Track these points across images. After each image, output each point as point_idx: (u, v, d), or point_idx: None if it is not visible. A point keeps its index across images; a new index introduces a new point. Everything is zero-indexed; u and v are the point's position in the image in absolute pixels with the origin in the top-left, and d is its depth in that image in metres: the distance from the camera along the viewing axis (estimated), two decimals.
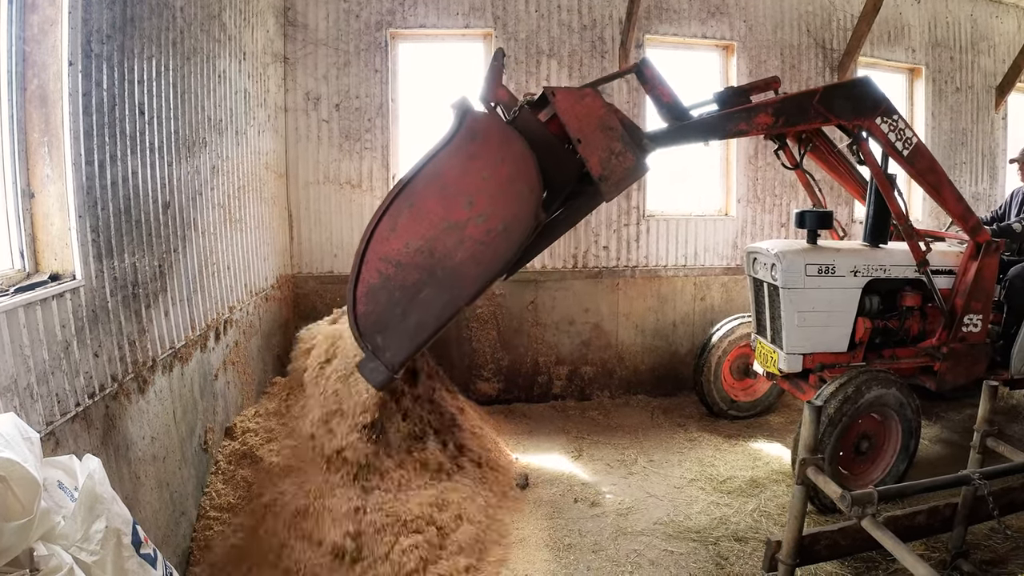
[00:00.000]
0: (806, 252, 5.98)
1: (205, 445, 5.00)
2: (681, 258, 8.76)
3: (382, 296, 4.02)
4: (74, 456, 2.94)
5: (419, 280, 4.02)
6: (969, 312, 6.05)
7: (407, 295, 4.02)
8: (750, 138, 8.75)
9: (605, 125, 4.66)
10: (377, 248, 4.04)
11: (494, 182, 4.10)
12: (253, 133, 6.37)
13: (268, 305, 6.81)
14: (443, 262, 4.03)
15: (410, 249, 4.02)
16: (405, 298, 4.02)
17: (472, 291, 4.08)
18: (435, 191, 4.09)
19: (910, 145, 5.67)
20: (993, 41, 10.02)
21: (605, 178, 4.58)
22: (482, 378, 8.30)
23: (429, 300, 4.00)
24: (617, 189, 4.69)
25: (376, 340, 3.99)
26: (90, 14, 3.54)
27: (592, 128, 4.60)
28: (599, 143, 4.60)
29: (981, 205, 9.83)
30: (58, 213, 3.42)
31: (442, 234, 4.04)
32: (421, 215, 4.05)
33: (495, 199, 4.08)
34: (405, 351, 4.03)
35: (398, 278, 4.02)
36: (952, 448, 6.81)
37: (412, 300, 4.01)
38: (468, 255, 4.03)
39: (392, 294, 4.02)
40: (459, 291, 4.04)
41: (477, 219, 4.02)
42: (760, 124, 5.41)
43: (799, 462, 3.73)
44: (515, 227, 4.06)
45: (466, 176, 4.11)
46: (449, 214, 4.05)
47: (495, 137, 4.18)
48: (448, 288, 4.02)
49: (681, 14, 8.51)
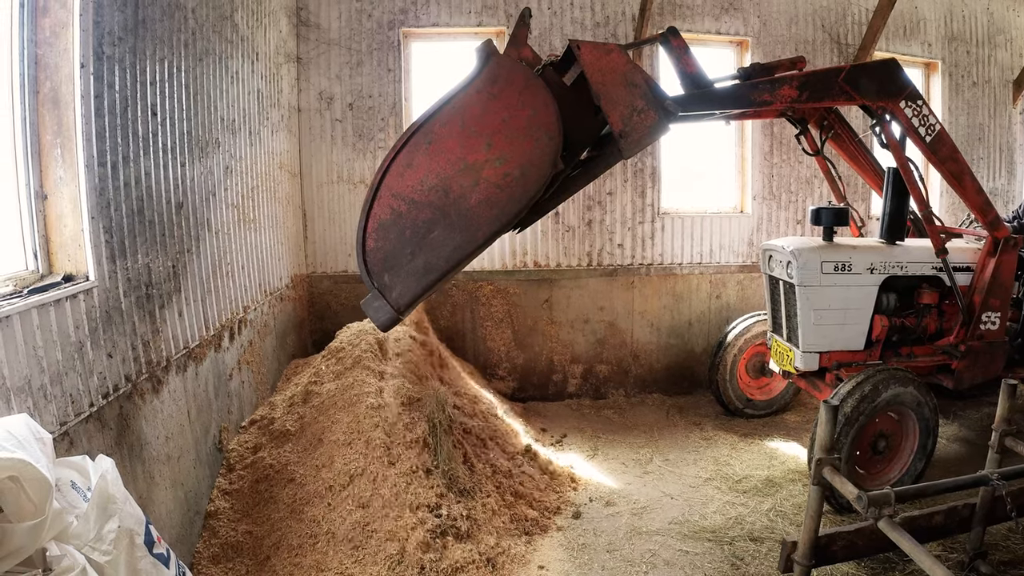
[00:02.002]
0: (822, 249, 5.94)
1: (220, 445, 5.02)
2: (696, 256, 8.73)
3: (392, 233, 3.94)
4: (87, 456, 2.95)
5: (431, 219, 3.94)
6: (987, 309, 5.98)
7: (418, 234, 3.94)
8: (766, 133, 8.71)
9: (629, 81, 4.60)
10: (391, 183, 3.96)
11: (514, 125, 4.04)
12: (267, 133, 6.39)
13: (283, 305, 6.83)
14: (457, 203, 3.95)
15: (424, 187, 3.95)
16: (416, 237, 3.94)
17: (484, 235, 3.99)
18: (455, 130, 4.02)
19: (933, 132, 5.61)
20: (1010, 35, 9.90)
21: (626, 134, 4.52)
22: (497, 377, 8.29)
23: (440, 241, 3.92)
24: (637, 146, 4.63)
25: (384, 279, 3.91)
26: (102, 16, 3.55)
27: (615, 83, 4.54)
28: (622, 98, 4.54)
29: (999, 201, 9.72)
30: (71, 215, 3.44)
31: (458, 174, 3.98)
32: (439, 153, 3.98)
33: (514, 143, 4.02)
34: (412, 292, 3.94)
35: (410, 216, 3.94)
36: (970, 447, 6.74)
37: (423, 240, 3.93)
38: (483, 197, 3.96)
39: (403, 232, 3.94)
40: (471, 234, 3.96)
41: (495, 161, 3.96)
42: (784, 96, 5.33)
43: (815, 462, 3.70)
44: (532, 173, 4.01)
45: (486, 117, 4.04)
46: (467, 154, 3.98)
47: (518, 80, 4.12)
48: (460, 230, 3.95)
49: (695, 10, 8.47)
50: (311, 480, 5.00)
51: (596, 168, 4.88)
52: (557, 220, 8.29)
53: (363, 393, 5.50)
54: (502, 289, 8.25)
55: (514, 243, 8.24)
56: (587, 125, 4.63)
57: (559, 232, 8.34)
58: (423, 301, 4.39)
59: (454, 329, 8.20)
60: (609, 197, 8.42)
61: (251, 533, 4.71)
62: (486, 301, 8.22)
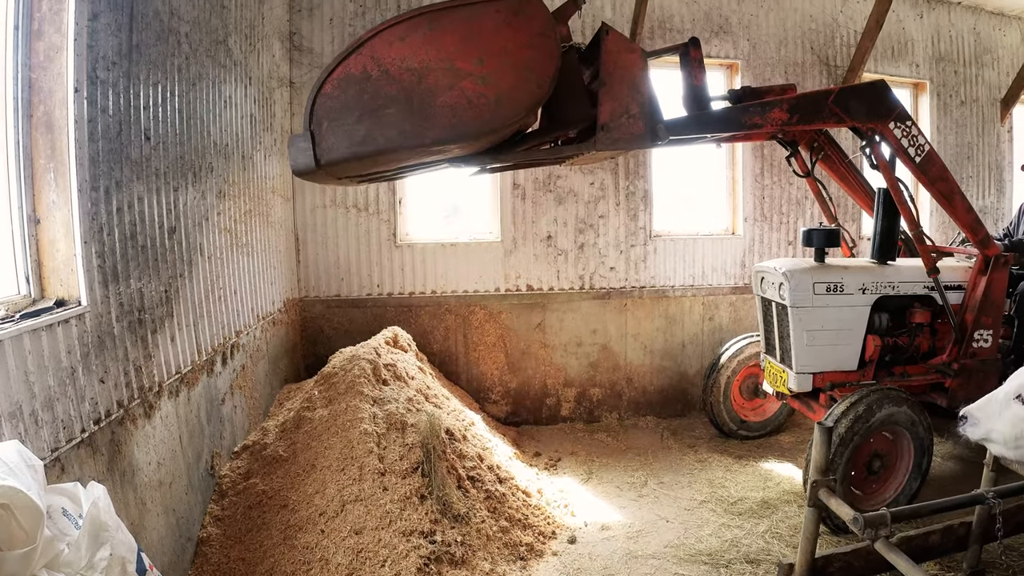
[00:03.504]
0: (814, 270, 5.96)
1: (212, 470, 4.99)
2: (689, 278, 8.75)
3: (352, 90, 3.84)
4: (79, 483, 2.92)
5: (393, 96, 3.84)
6: (979, 327, 6.01)
7: (374, 103, 3.83)
8: (757, 155, 8.77)
9: (635, 85, 4.62)
10: (377, 45, 3.87)
11: (513, 57, 4.00)
12: (259, 157, 6.40)
13: (275, 329, 6.80)
14: (425, 95, 3.87)
15: (404, 65, 3.86)
16: (371, 105, 3.83)
17: (431, 138, 3.89)
18: (459, 31, 3.96)
19: (922, 152, 5.66)
20: (997, 54, 10.05)
21: (608, 129, 4.53)
22: (490, 401, 8.27)
23: (390, 120, 3.82)
24: (613, 146, 4.63)
25: (322, 126, 3.80)
26: (96, 41, 3.56)
27: (622, 80, 4.57)
28: (621, 96, 4.56)
29: (988, 219, 9.82)
30: (64, 239, 3.43)
31: (440, 71, 3.91)
32: (433, 42, 3.91)
33: (504, 71, 3.98)
34: (339, 153, 3.81)
35: (377, 83, 3.84)
36: (966, 465, 6.74)
37: (376, 111, 3.83)
38: (450, 102, 3.88)
39: (362, 94, 3.84)
40: (421, 130, 3.86)
41: (478, 78, 3.90)
42: (775, 119, 5.37)
43: (810, 484, 3.71)
44: (504, 108, 3.94)
45: (493, 36, 3.99)
46: (458, 58, 3.92)
47: (538, 24, 4.10)
48: (414, 120, 3.85)
49: (684, 33, 8.52)
50: (304, 506, 4.97)
51: (566, 150, 4.86)
52: (549, 243, 8.32)
53: (356, 419, 5.47)
54: (494, 313, 8.24)
55: (506, 266, 8.26)
56: (581, 109, 4.60)
57: (551, 255, 8.35)
58: (343, 174, 4.19)
59: (447, 354, 8.18)
60: (601, 220, 8.45)
61: (244, 560, 4.67)
62: (478, 325, 8.21)
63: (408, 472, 5.17)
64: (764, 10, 8.85)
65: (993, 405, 3.41)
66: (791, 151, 6.49)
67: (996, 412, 3.38)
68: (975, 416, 3.48)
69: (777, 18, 8.90)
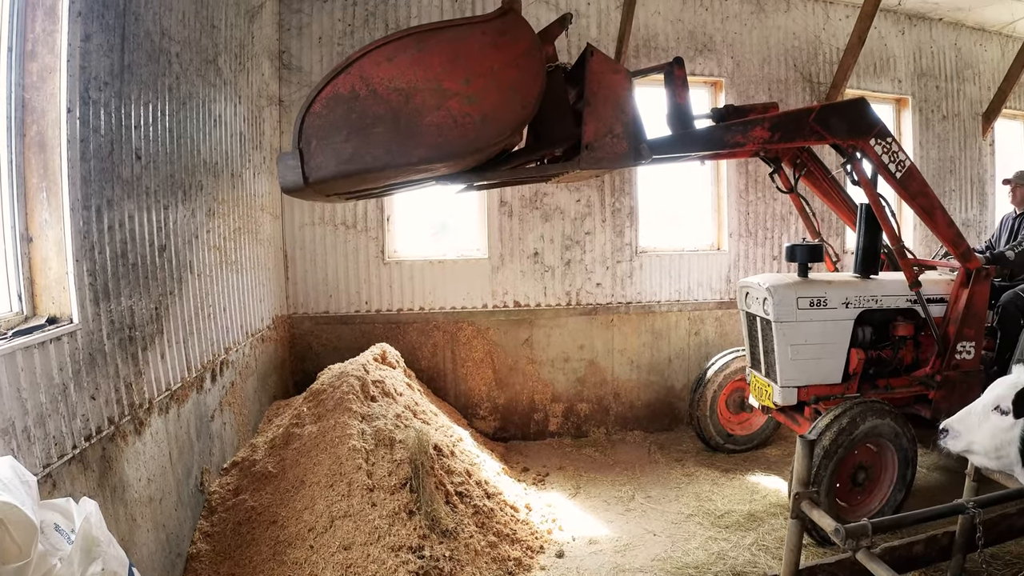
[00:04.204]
0: (797, 285, 6.03)
1: (201, 487, 5.00)
2: (675, 293, 8.82)
3: (341, 109, 3.87)
4: (71, 499, 2.94)
5: (381, 116, 3.87)
6: (962, 339, 6.09)
7: (362, 122, 3.86)
8: (741, 172, 8.87)
9: (620, 105, 4.68)
10: (365, 66, 3.90)
11: (499, 77, 4.04)
12: (249, 175, 6.44)
13: (264, 346, 6.82)
14: (412, 115, 3.90)
15: (392, 85, 3.90)
16: (359, 124, 3.86)
17: (417, 157, 3.92)
18: (447, 51, 3.99)
19: (903, 168, 5.75)
20: (978, 69, 10.22)
21: (592, 149, 4.58)
22: (478, 417, 8.29)
23: (377, 139, 3.85)
24: (597, 165, 4.68)
25: (311, 144, 3.82)
26: (88, 61, 3.61)
27: (607, 100, 4.62)
28: (605, 116, 4.61)
29: (971, 232, 9.97)
30: (56, 257, 3.46)
31: (427, 91, 3.94)
32: (421, 63, 3.94)
33: (489, 92, 4.02)
34: (327, 171, 3.83)
35: (365, 102, 3.87)
36: (950, 476, 6.80)
37: (363, 130, 3.85)
38: (437, 122, 3.92)
39: (350, 113, 3.87)
40: (408, 148, 3.89)
41: (465, 98, 3.94)
42: (756, 137, 5.47)
43: (793, 496, 3.75)
44: (490, 127, 3.99)
45: (479, 58, 4.03)
46: (444, 78, 3.95)
47: (524, 44, 4.14)
48: (401, 139, 3.89)
49: (669, 52, 8.64)
50: (293, 522, 4.98)
51: (551, 168, 4.92)
52: (536, 260, 8.38)
53: (345, 435, 5.49)
54: (482, 329, 8.29)
55: (494, 283, 8.31)
56: (565, 128, 4.66)
57: (538, 272, 8.41)
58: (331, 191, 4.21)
59: (435, 370, 8.20)
60: (588, 237, 8.51)
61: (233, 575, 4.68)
62: (466, 342, 8.25)
63: (396, 488, 5.19)
64: (748, 28, 8.98)
65: (972, 417, 3.47)
66: (774, 168, 6.58)
67: (976, 424, 3.44)
68: (955, 428, 3.54)
69: (760, 36, 9.04)
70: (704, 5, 8.83)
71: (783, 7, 9.12)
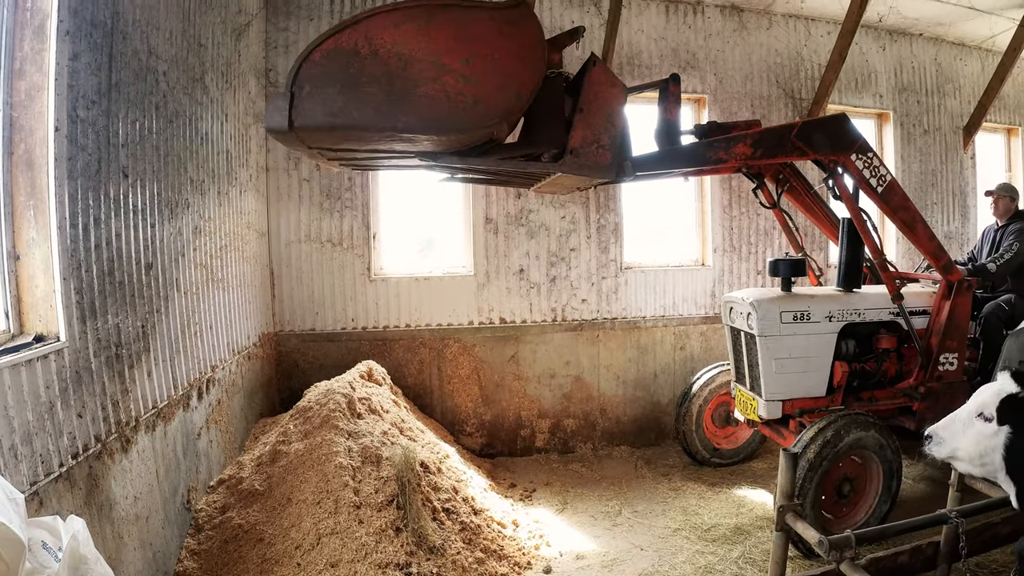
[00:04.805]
0: (781, 300, 6.08)
1: (188, 505, 4.99)
2: (660, 308, 8.86)
3: (340, 63, 3.86)
4: (58, 516, 2.94)
5: (377, 76, 3.86)
6: (945, 351, 6.16)
7: (358, 79, 3.84)
8: (725, 188, 8.94)
9: (611, 118, 4.73)
10: (372, 27, 3.89)
11: (498, 63, 4.05)
12: (235, 193, 6.45)
13: (251, 363, 6.81)
14: (408, 82, 3.89)
15: (394, 50, 3.90)
16: (354, 80, 3.84)
17: (403, 123, 3.90)
18: (453, 28, 4.00)
19: (884, 182, 5.83)
20: (958, 83, 10.39)
21: (575, 154, 4.58)
22: (465, 433, 8.29)
23: (368, 98, 3.84)
24: (577, 170, 4.68)
25: (303, 90, 3.80)
26: (76, 80, 3.63)
27: (600, 111, 4.65)
28: (594, 126, 4.64)
29: (953, 244, 10.09)
30: (43, 275, 3.47)
31: (427, 62, 3.94)
32: (426, 35, 3.94)
33: (486, 75, 4.03)
34: (312, 120, 3.81)
35: (365, 61, 3.86)
36: (935, 486, 6.84)
37: (357, 87, 3.84)
38: (430, 93, 3.92)
39: (348, 68, 3.85)
40: (395, 113, 3.88)
41: (461, 77, 3.95)
42: (739, 154, 5.53)
43: (778, 509, 3.78)
44: (479, 109, 3.99)
45: (483, 41, 4.04)
46: (445, 54, 3.96)
47: (528, 39, 4.15)
48: (391, 103, 3.87)
49: (653, 69, 8.74)
50: (280, 540, 4.97)
51: (532, 165, 4.91)
52: (522, 276, 8.41)
53: (332, 452, 5.49)
54: (468, 346, 8.30)
55: (480, 300, 8.33)
56: (554, 133, 4.66)
57: (524, 288, 8.44)
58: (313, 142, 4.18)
59: (421, 387, 8.20)
60: (573, 253, 8.56)
61: None
62: (453, 358, 8.26)
63: (383, 505, 5.19)
64: (730, 45, 9.09)
65: (957, 424, 3.51)
66: (757, 183, 6.64)
67: (960, 430, 3.48)
68: (940, 435, 3.58)
69: (743, 53, 9.15)
70: (687, 23, 8.94)
71: (765, 24, 9.24)
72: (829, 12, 9.18)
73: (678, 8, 8.91)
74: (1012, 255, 6.57)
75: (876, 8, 9.01)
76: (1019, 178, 10.93)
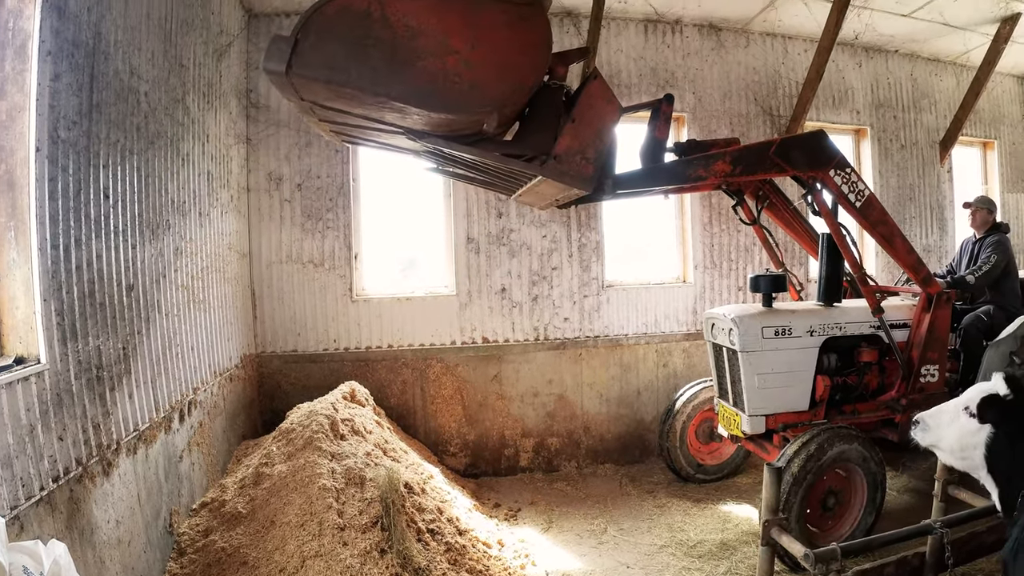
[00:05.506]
0: (762, 315, 6.12)
1: (171, 528, 4.93)
2: (642, 326, 8.89)
3: (349, 20, 3.84)
4: (40, 541, 2.90)
5: (383, 41, 3.85)
6: (926, 363, 6.21)
7: (363, 40, 3.82)
8: (704, 205, 9.01)
9: (600, 133, 4.75)
10: None
11: (501, 54, 4.06)
12: (216, 214, 6.43)
13: (232, 385, 6.77)
14: (411, 53, 3.89)
15: (404, 20, 3.87)
16: (360, 40, 3.82)
17: (397, 91, 3.89)
18: (465, 13, 4.00)
19: (862, 197, 5.89)
20: (934, 98, 10.54)
21: (559, 159, 4.59)
22: (449, 453, 8.26)
23: (369, 59, 3.83)
24: (558, 176, 4.66)
25: (309, 40, 3.78)
26: (58, 101, 3.62)
27: (591, 123, 4.67)
28: (583, 137, 4.65)
29: (932, 256, 10.20)
30: (23, 297, 3.44)
31: (434, 39, 3.94)
32: (439, 12, 3.93)
33: (488, 63, 4.04)
34: (310, 69, 3.78)
35: (374, 23, 3.84)
36: (921, 497, 6.86)
37: (361, 46, 3.83)
38: (430, 68, 3.92)
39: (356, 27, 3.83)
40: (391, 80, 3.86)
41: (463, 60, 3.96)
42: (718, 171, 5.57)
43: (763, 524, 3.78)
44: (475, 95, 4.00)
45: (492, 30, 4.05)
46: (453, 35, 3.95)
47: (536, 37, 4.17)
48: (390, 69, 3.86)
49: (632, 88, 8.82)
50: (264, 563, 4.91)
51: (514, 163, 4.91)
52: (504, 296, 8.42)
53: (315, 474, 5.45)
54: (451, 366, 8.29)
55: (462, 319, 8.34)
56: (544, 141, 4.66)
57: (506, 308, 8.45)
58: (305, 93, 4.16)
59: (404, 407, 8.18)
60: (554, 272, 8.58)
61: None
62: (435, 378, 8.24)
63: (367, 526, 5.15)
64: (708, 64, 9.19)
65: (944, 415, 3.53)
66: (737, 200, 6.71)
67: (946, 421, 3.50)
68: (926, 422, 3.60)
69: (721, 71, 9.24)
70: (666, 42, 9.03)
71: (743, 43, 9.35)
72: (806, 30, 9.30)
73: (657, 28, 9.01)
74: (990, 267, 6.64)
75: (852, 26, 9.15)
76: (996, 191, 11.11)
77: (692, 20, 9.07)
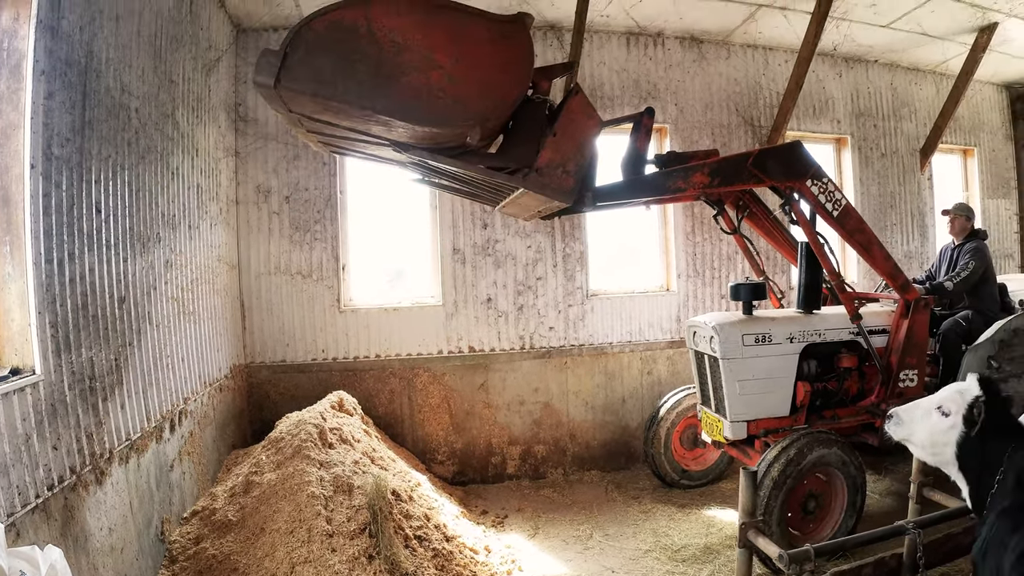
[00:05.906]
0: (743, 323, 6.23)
1: (162, 536, 5.00)
2: (626, 334, 8.99)
3: (337, 35, 3.88)
4: (36, 547, 2.98)
5: (369, 56, 3.89)
6: (904, 368, 6.33)
7: (350, 55, 3.87)
8: (687, 214, 9.12)
9: (581, 147, 4.84)
10: (375, 8, 3.89)
11: (484, 71, 4.12)
12: (206, 227, 6.51)
13: (222, 395, 6.83)
14: (396, 68, 3.93)
15: (391, 36, 3.91)
16: (347, 55, 3.86)
17: (382, 105, 3.91)
18: (450, 29, 4.05)
19: (839, 206, 6.02)
20: (914, 107, 10.70)
21: (541, 172, 4.67)
22: (436, 461, 8.32)
23: (356, 74, 3.87)
24: (539, 188, 4.75)
25: (297, 54, 3.83)
26: (51, 118, 3.71)
27: (572, 137, 4.76)
28: (564, 150, 4.74)
29: (914, 263, 10.34)
30: (18, 309, 3.52)
31: (419, 54, 3.99)
32: (424, 29, 3.99)
33: (471, 78, 4.10)
34: (298, 83, 3.81)
35: (361, 39, 3.89)
36: (901, 500, 6.92)
37: (348, 62, 3.87)
38: (414, 83, 3.97)
39: (344, 43, 3.87)
40: (376, 94, 3.90)
41: (446, 75, 4.02)
42: (697, 183, 5.69)
43: (740, 526, 3.88)
44: (457, 109, 4.06)
45: (476, 47, 4.11)
46: (437, 51, 4.00)
47: (517, 54, 4.24)
48: (375, 83, 3.91)
49: (615, 100, 8.95)
50: (254, 570, 4.98)
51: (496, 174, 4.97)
52: (490, 306, 8.51)
53: (304, 482, 5.52)
54: (438, 375, 8.37)
55: (449, 329, 8.42)
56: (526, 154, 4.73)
57: (492, 317, 8.54)
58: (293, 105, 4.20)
59: (392, 416, 8.24)
60: (539, 282, 8.68)
61: None
62: (423, 388, 8.31)
63: (356, 533, 5.22)
64: (690, 76, 9.33)
65: (918, 411, 3.62)
66: (718, 210, 6.82)
67: (919, 417, 3.59)
68: (900, 417, 3.69)
69: (703, 83, 9.38)
70: (648, 55, 9.16)
71: (724, 54, 9.49)
72: (786, 41, 9.45)
73: (639, 40, 9.14)
74: (968, 272, 6.76)
75: (831, 37, 9.29)
76: (975, 198, 11.30)
77: (674, 33, 9.20)
